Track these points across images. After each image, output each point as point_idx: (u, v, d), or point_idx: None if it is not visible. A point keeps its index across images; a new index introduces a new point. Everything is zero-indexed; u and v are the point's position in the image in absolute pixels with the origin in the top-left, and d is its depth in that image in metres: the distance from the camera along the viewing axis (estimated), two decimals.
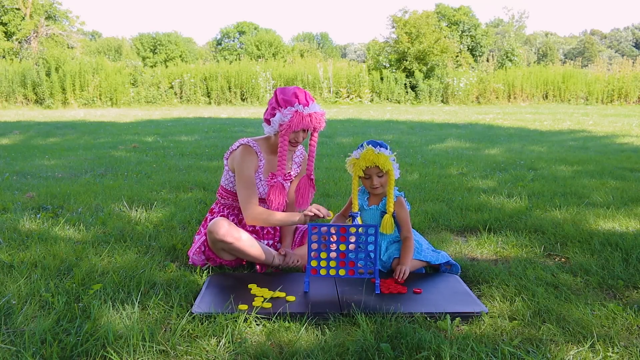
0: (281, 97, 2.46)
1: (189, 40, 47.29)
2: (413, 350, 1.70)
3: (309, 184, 2.64)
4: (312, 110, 2.46)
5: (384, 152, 2.46)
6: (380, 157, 2.44)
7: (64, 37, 29.64)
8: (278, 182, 2.53)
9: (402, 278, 2.31)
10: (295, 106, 2.43)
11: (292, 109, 2.43)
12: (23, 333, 1.78)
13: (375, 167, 2.46)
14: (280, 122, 2.45)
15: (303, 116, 2.43)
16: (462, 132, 9.19)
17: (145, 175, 4.98)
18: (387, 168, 2.45)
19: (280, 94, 2.47)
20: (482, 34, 33.62)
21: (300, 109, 2.43)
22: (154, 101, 19.62)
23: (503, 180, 4.61)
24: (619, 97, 21.16)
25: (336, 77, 20.47)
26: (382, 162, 2.44)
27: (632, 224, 3.15)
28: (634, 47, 60.96)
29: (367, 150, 2.46)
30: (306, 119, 2.44)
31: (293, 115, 2.42)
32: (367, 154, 2.45)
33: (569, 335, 1.80)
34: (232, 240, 2.39)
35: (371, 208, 2.56)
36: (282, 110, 2.44)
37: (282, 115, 2.44)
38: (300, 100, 2.45)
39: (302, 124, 2.44)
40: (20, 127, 10.25)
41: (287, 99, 2.45)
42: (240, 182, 2.53)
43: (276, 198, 2.53)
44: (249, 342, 1.75)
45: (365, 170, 2.47)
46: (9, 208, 3.58)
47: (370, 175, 2.49)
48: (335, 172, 5.05)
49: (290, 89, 2.49)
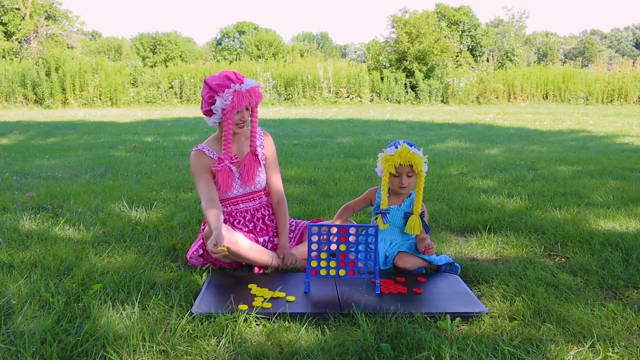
0: (215, 83, 2.46)
1: (189, 40, 47.34)
2: (413, 350, 1.69)
3: (254, 159, 2.61)
4: (249, 85, 2.47)
5: (418, 152, 2.48)
6: (415, 156, 2.46)
7: (64, 37, 29.64)
8: (225, 166, 2.52)
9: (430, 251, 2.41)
10: (232, 86, 2.44)
11: (230, 90, 2.43)
12: (23, 333, 1.77)
13: (408, 166, 2.47)
14: (222, 107, 2.45)
15: (243, 94, 2.44)
16: (462, 132, 9.19)
17: (145, 175, 4.98)
18: (419, 169, 2.47)
19: (212, 82, 2.47)
20: (482, 34, 33.62)
21: (238, 88, 2.44)
22: (154, 101, 19.62)
23: (503, 180, 4.61)
24: (619, 97, 21.15)
25: (336, 77, 20.47)
26: (417, 162, 2.46)
27: (632, 224, 3.14)
28: (634, 47, 60.94)
29: (403, 147, 2.47)
30: (246, 96, 2.45)
31: (233, 95, 2.43)
32: (403, 152, 2.45)
33: (569, 335, 1.80)
34: (229, 246, 2.37)
35: (391, 207, 2.55)
36: (221, 94, 2.44)
37: (222, 100, 2.44)
38: (234, 80, 2.45)
39: (244, 101, 2.44)
40: (20, 127, 10.25)
41: (222, 83, 2.45)
42: (196, 181, 2.55)
43: (224, 182, 2.52)
44: (249, 342, 1.74)
45: (398, 167, 2.47)
46: (9, 208, 3.58)
47: (401, 174, 2.49)
48: (335, 172, 5.05)
49: (220, 74, 2.49)
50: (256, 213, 2.67)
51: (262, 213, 2.68)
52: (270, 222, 2.69)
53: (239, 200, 2.63)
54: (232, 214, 2.63)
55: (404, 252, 2.46)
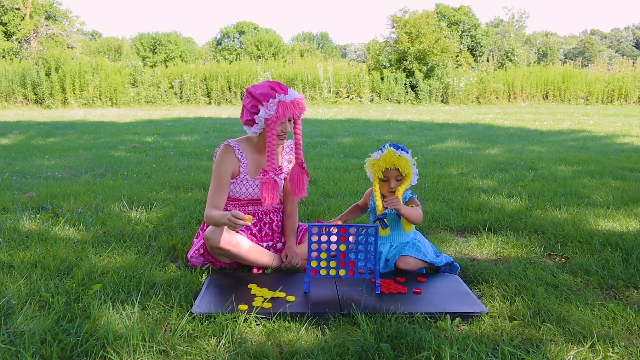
0: (258, 92, 2.44)
1: (189, 40, 47.35)
2: (413, 350, 1.69)
3: (302, 172, 2.60)
4: (293, 97, 2.45)
5: (405, 155, 2.45)
6: (401, 159, 2.42)
7: (64, 37, 29.64)
8: (270, 177, 2.49)
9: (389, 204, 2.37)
10: (277, 97, 2.41)
11: (274, 100, 2.41)
12: (23, 333, 1.77)
13: (395, 170, 2.44)
14: (266, 117, 2.42)
15: (287, 105, 2.42)
16: (462, 132, 9.19)
17: (145, 175, 4.98)
18: (407, 171, 2.44)
19: (256, 91, 2.45)
20: (482, 34, 33.61)
21: (283, 98, 2.42)
22: (154, 101, 19.62)
23: (503, 180, 4.61)
24: (619, 97, 21.15)
25: (336, 77, 20.47)
26: (403, 165, 2.42)
27: (632, 224, 3.14)
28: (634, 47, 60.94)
29: (388, 151, 2.44)
30: (290, 107, 2.43)
31: (278, 105, 2.40)
32: (388, 156, 2.43)
33: (569, 335, 1.80)
34: (229, 248, 2.37)
35: (386, 212, 2.54)
36: (265, 104, 2.41)
37: (266, 109, 2.41)
38: (277, 90, 2.43)
39: (288, 112, 2.42)
40: (20, 127, 10.25)
41: (266, 93, 2.42)
42: (212, 180, 2.52)
43: (269, 194, 2.49)
44: (249, 342, 1.74)
45: (385, 172, 2.45)
46: (9, 208, 3.58)
47: (389, 178, 2.47)
48: (335, 172, 5.05)
49: (264, 84, 2.47)
50: (264, 217, 2.65)
51: (270, 218, 2.66)
52: (276, 228, 2.67)
53: (249, 203, 2.61)
54: None
55: (404, 255, 2.46)
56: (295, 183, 2.58)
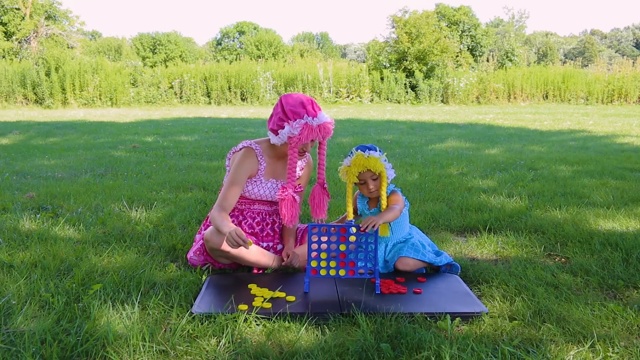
0: (288, 108, 2.40)
1: (189, 40, 47.37)
2: (413, 350, 1.69)
3: (323, 192, 2.59)
4: (322, 120, 2.41)
5: (373, 154, 2.43)
6: (370, 160, 2.41)
7: (64, 37, 29.64)
8: (289, 195, 2.47)
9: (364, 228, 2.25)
10: (305, 118, 2.37)
11: (301, 122, 2.37)
12: (23, 333, 1.77)
13: (368, 171, 2.44)
14: (289, 135, 2.41)
15: (312, 128, 2.38)
16: (462, 132, 9.19)
17: (145, 175, 4.98)
18: (379, 170, 2.43)
19: (287, 105, 2.41)
20: (482, 34, 33.62)
21: (310, 121, 2.38)
22: (154, 101, 19.62)
23: (503, 180, 4.61)
24: (619, 97, 21.16)
25: (336, 77, 20.47)
26: (373, 165, 2.42)
27: (632, 224, 3.14)
28: (634, 47, 60.95)
29: (356, 155, 2.44)
30: (315, 131, 2.39)
31: (303, 127, 2.37)
32: (358, 159, 2.42)
33: (569, 335, 1.80)
34: (229, 249, 2.37)
35: (372, 211, 2.54)
36: (291, 122, 2.39)
37: (291, 128, 2.38)
38: (308, 111, 2.39)
39: (312, 135, 2.39)
40: (20, 127, 10.25)
41: (295, 111, 2.38)
42: (228, 180, 2.50)
43: (288, 211, 2.47)
44: (249, 342, 1.74)
45: (359, 175, 2.45)
46: (9, 208, 3.58)
47: (365, 180, 2.47)
48: (335, 172, 5.02)
49: (297, 99, 2.43)
50: (267, 217, 2.66)
51: (273, 219, 2.68)
52: (278, 229, 2.68)
53: (256, 202, 2.62)
54: (243, 212, 2.63)
55: (403, 256, 2.46)
56: (317, 203, 2.57)
